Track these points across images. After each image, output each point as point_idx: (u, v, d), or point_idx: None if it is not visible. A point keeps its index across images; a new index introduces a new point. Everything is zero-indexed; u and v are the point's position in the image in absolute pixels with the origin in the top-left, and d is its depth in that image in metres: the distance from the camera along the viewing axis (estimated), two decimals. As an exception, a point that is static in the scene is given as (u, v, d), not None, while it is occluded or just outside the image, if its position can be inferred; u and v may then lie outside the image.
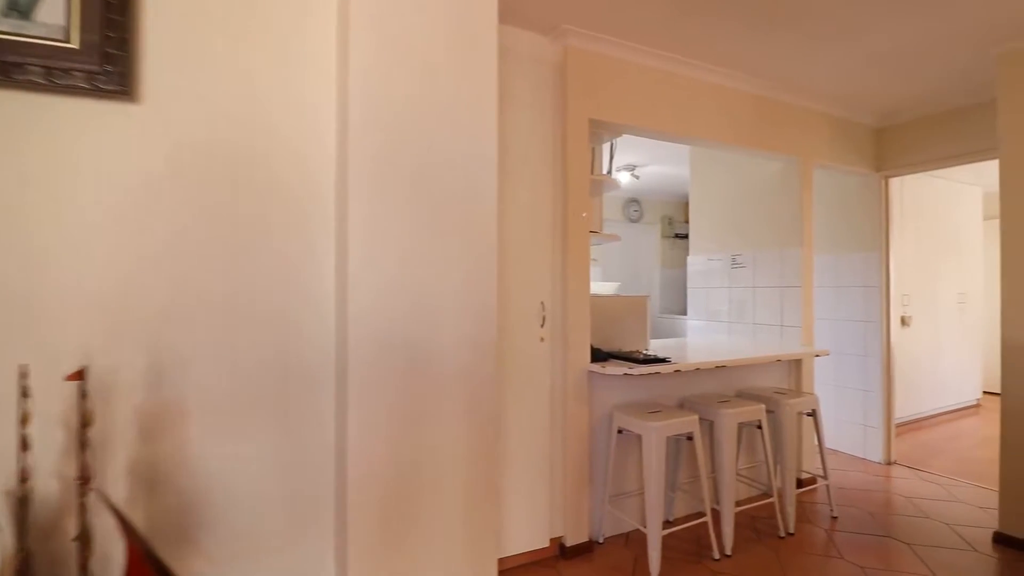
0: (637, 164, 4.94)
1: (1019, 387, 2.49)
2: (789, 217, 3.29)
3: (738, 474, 2.94)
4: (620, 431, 2.46)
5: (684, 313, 4.55)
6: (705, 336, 3.87)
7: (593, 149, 2.80)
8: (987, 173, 4.57)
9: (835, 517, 2.82)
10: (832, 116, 3.46)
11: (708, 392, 2.87)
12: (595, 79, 2.52)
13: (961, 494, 3.13)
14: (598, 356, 2.49)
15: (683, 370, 2.41)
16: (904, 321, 4.45)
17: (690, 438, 2.39)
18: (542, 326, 2.37)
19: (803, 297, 3.19)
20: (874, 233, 3.69)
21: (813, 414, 2.84)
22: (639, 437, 2.34)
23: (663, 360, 2.39)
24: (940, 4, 2.20)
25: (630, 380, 2.60)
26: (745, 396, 2.90)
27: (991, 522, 2.70)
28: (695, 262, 4.01)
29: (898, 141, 3.61)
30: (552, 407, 2.43)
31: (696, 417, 2.39)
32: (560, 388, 2.41)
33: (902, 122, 3.59)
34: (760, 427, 2.60)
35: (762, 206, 3.48)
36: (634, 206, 6.35)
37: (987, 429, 4.56)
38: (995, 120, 2.65)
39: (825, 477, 2.87)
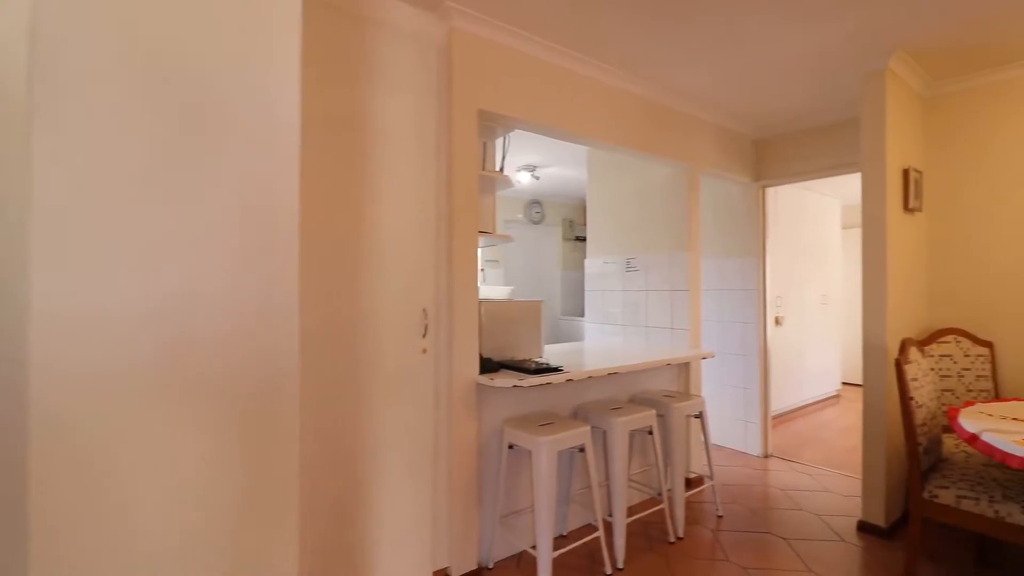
0: (538, 164, 4.86)
1: (877, 384, 2.67)
2: (678, 222, 3.34)
3: (630, 480, 2.91)
4: (511, 446, 2.29)
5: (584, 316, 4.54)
6: (602, 339, 3.85)
7: (485, 144, 2.61)
8: (845, 186, 5.05)
9: (720, 516, 2.88)
10: (717, 126, 3.58)
11: (602, 399, 2.80)
12: (486, 67, 2.33)
13: (829, 483, 3.36)
14: (488, 366, 2.30)
15: (576, 379, 2.29)
16: (778, 321, 4.78)
17: (582, 450, 2.27)
18: (424, 336, 2.13)
19: (691, 300, 3.25)
20: (753, 239, 3.89)
21: (700, 416, 2.87)
22: (530, 453, 2.18)
23: (555, 370, 2.26)
24: (811, 25, 2.29)
25: (522, 391, 2.44)
26: (638, 401, 2.88)
27: (856, 511, 2.89)
28: (592, 265, 3.98)
29: (774, 153, 3.84)
30: (437, 425, 2.19)
31: (588, 428, 2.28)
32: (446, 403, 2.18)
33: (777, 135, 3.81)
34: (651, 433, 2.57)
35: (654, 210, 3.51)
36: (536, 208, 6.31)
37: (847, 418, 5.03)
38: (858, 137, 2.84)
39: (711, 477, 2.92)
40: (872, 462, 2.70)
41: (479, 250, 5.31)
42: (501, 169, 2.71)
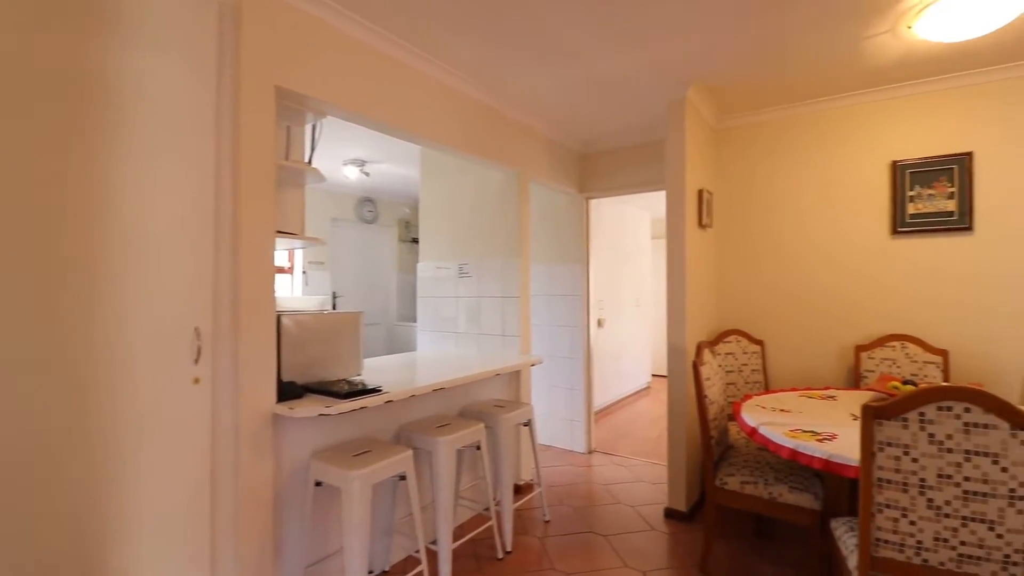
0: (368, 160, 4.49)
1: (679, 382, 2.93)
2: (510, 229, 3.32)
3: (459, 498, 2.77)
4: (318, 483, 1.97)
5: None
6: (435, 347, 3.67)
7: (289, 129, 2.23)
8: (654, 201, 5.64)
9: (548, 521, 2.90)
10: (547, 137, 3.66)
11: (429, 416, 2.61)
12: (291, 39, 1.97)
13: (643, 473, 3.64)
14: (291, 392, 1.95)
15: (397, 399, 2.06)
16: (600, 323, 5.13)
17: (403, 478, 2.05)
18: (197, 362, 1.70)
19: (521, 307, 3.25)
20: (578, 247, 4.07)
21: (529, 424, 2.86)
22: (340, 489, 1.89)
23: (372, 391, 2.00)
24: (626, 50, 2.40)
25: (332, 419, 2.13)
26: (468, 415, 2.75)
27: (663, 498, 3.16)
28: (425, 269, 3.78)
29: (597, 167, 4.06)
30: (216, 469, 1.77)
31: (410, 453, 2.07)
32: (230, 442, 1.78)
33: (600, 150, 4.04)
34: (479, 448, 2.46)
35: (487, 216, 3.44)
36: (369, 206, 5.89)
37: (656, 409, 5.62)
38: (664, 158, 3.09)
39: (539, 483, 2.93)
40: (675, 453, 2.95)
41: (298, 253, 4.71)
42: (310, 160, 2.35)
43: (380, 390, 2.02)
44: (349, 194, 5.69)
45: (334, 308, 5.33)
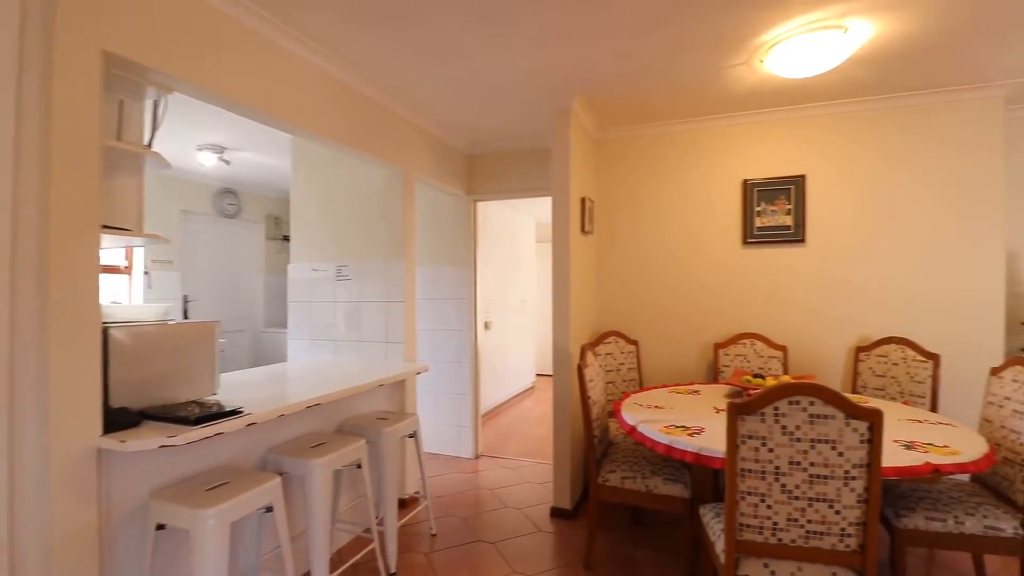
0: (228, 146, 3.99)
1: (563, 383, 3.00)
2: (394, 229, 3.15)
3: (338, 521, 2.55)
4: (160, 527, 1.66)
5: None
6: (311, 357, 3.36)
7: (123, 104, 1.86)
8: (539, 206, 5.79)
9: (435, 535, 2.79)
10: (434, 136, 3.54)
11: (303, 435, 2.36)
12: (120, -4, 1.63)
13: (529, 474, 3.68)
14: (124, 420, 1.61)
15: (260, 421, 1.82)
16: (487, 325, 5.13)
17: (270, 510, 1.81)
18: (-18, 391, 1.33)
19: (406, 312, 3.10)
20: (466, 250, 4.01)
21: (415, 435, 2.73)
22: (189, 532, 1.61)
23: (230, 413, 1.74)
24: (513, 55, 2.39)
25: (178, 450, 1.82)
26: (346, 431, 2.55)
27: (549, 497, 3.21)
28: (297, 270, 3.45)
29: (484, 169, 4.03)
30: (15, 522, 1.41)
31: (278, 480, 1.83)
32: (36, 488, 1.42)
33: (488, 152, 4.02)
34: (360, 466, 2.27)
35: (368, 215, 3.23)
36: (230, 198, 5.26)
37: (541, 407, 5.77)
38: (550, 164, 3.15)
39: (425, 496, 2.81)
40: (560, 452, 3.02)
41: (139, 251, 4.05)
42: (150, 143, 1.99)
43: (240, 412, 1.76)
44: (205, 184, 5.02)
45: (185, 315, 4.67)
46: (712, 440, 1.94)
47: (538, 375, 7.18)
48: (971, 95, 2.94)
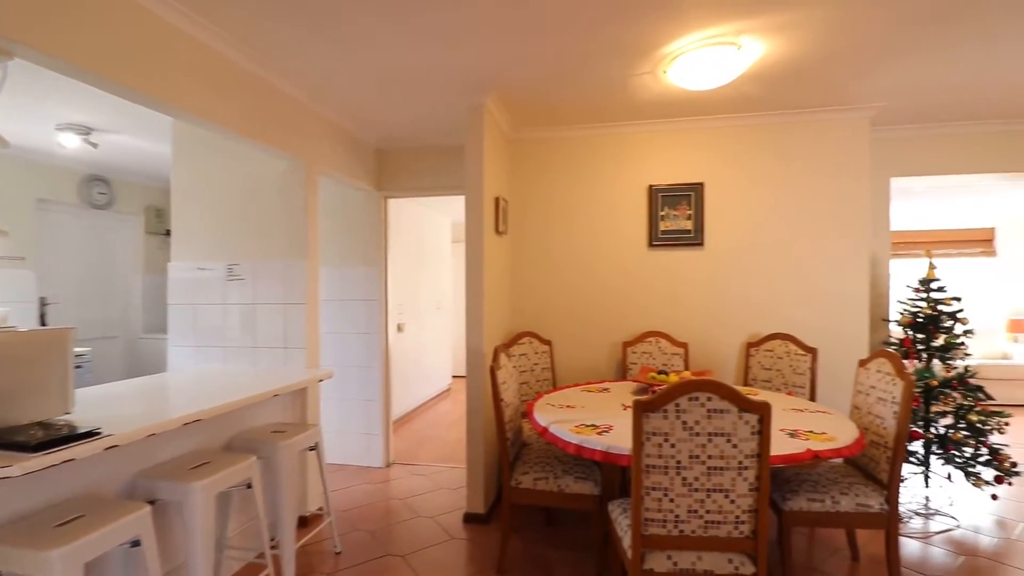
0: (95, 127, 3.49)
1: (477, 385, 2.95)
2: (294, 225, 2.91)
3: (227, 547, 2.31)
4: (-11, 577, 1.38)
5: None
6: (196, 364, 3.02)
7: (-62, 65, 1.53)
8: (454, 205, 5.70)
9: (339, 553, 2.61)
10: (341, 127, 3.34)
11: (182, 455, 2.10)
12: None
13: (443, 479, 3.58)
14: (-65, 450, 1.32)
15: (123, 443, 1.58)
16: (400, 328, 4.95)
17: (136, 544, 1.58)
18: None
19: (307, 315, 2.88)
20: (375, 249, 3.83)
21: (316, 447, 2.54)
22: (27, 580, 1.35)
23: (85, 435, 1.48)
24: (425, 45, 2.29)
25: (18, 480, 1.53)
26: (236, 447, 2.31)
27: (463, 502, 3.13)
28: (180, 269, 3.09)
29: (396, 165, 3.88)
30: None
31: (147, 509, 1.60)
32: None
33: (400, 148, 3.87)
34: (251, 486, 2.06)
35: (264, 209, 2.97)
36: (99, 186, 4.62)
37: (456, 410, 5.67)
38: (464, 163, 3.07)
39: (329, 512, 2.62)
40: (474, 456, 2.96)
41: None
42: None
43: (98, 433, 1.51)
44: (68, 169, 4.37)
45: (43, 320, 4.03)
46: (620, 438, 1.97)
47: (455, 377, 7.08)
48: (843, 115, 3.28)
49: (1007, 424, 3.01)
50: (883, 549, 2.15)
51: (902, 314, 3.29)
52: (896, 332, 3.46)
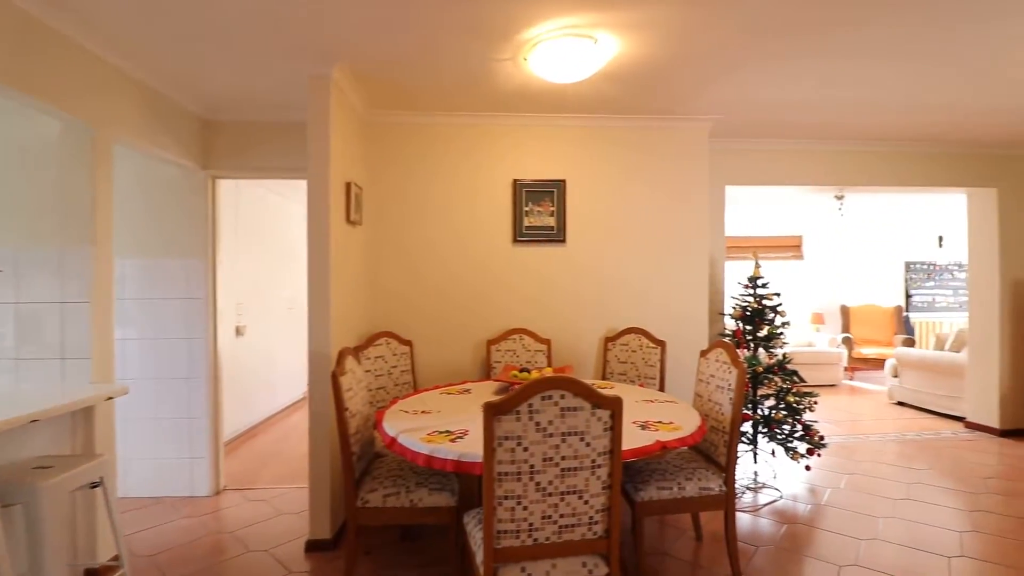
0: None
1: (322, 395, 2.60)
2: (76, 204, 2.31)
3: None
4: None
5: None
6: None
7: None
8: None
9: (137, 611, 2.11)
10: (149, 88, 2.76)
11: None
12: None
13: (285, 503, 3.14)
14: None
15: None
16: (240, 331, 4.32)
17: None
18: None
19: (95, 316, 2.30)
20: (200, 238, 3.25)
21: (101, 483, 2.01)
22: None
23: None
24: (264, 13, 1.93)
25: None
26: (-32, 493, 1.72)
27: (307, 529, 2.74)
28: (-101, 260, 2.29)
29: (229, 140, 3.33)
30: None
31: None
32: None
33: (232, 121, 3.33)
34: (-14, 546, 1.53)
35: (29, 183, 2.31)
36: None
37: (309, 421, 5.13)
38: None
39: (122, 562, 2.10)
40: (318, 474, 2.61)
41: None
42: None
43: None
44: None
45: None
46: (475, 444, 1.81)
47: (312, 385, 6.45)
48: (687, 124, 3.52)
49: (816, 403, 3.45)
50: (723, 527, 2.27)
51: (734, 308, 3.62)
52: (730, 324, 3.80)
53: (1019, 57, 2.59)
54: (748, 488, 3.30)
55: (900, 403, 5.65)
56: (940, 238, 7.96)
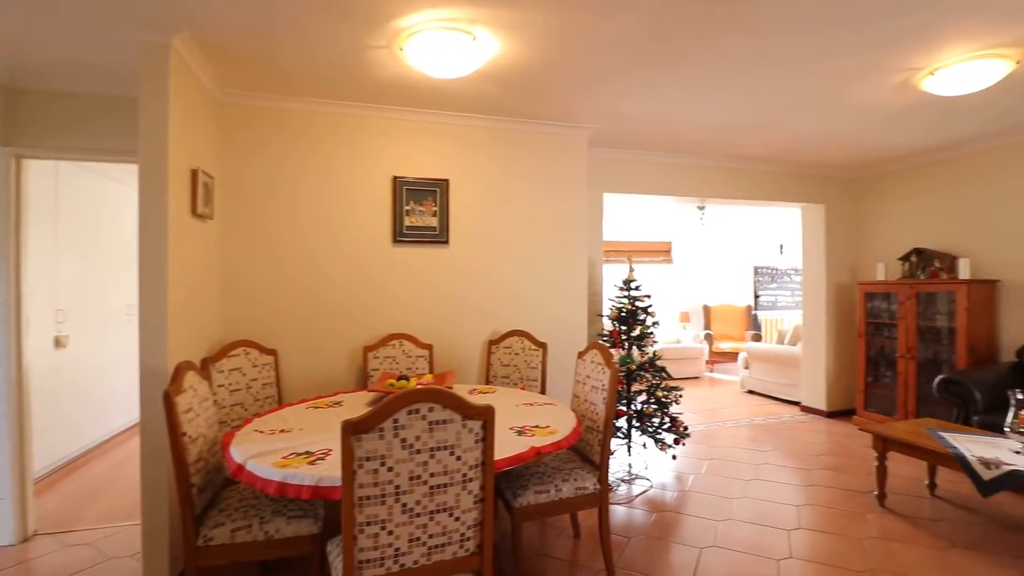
0: None
1: (157, 416, 2.22)
2: None
3: None
4: None
5: None
6: None
7: None
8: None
9: None
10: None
11: None
12: None
13: (116, 546, 2.66)
14: None
15: None
16: (60, 343, 3.62)
17: None
18: None
19: None
20: (9, 229, 2.64)
21: None
22: None
23: None
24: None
25: None
26: None
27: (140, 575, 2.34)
28: None
29: (41, 113, 2.76)
30: None
31: None
32: None
33: (47, 90, 2.76)
34: None
35: None
36: None
37: (157, 443, 4.46)
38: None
39: None
40: (154, 510, 2.24)
41: None
42: None
43: None
44: None
45: None
46: (337, 465, 1.64)
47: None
48: (568, 131, 3.60)
49: (681, 396, 3.72)
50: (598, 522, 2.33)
51: (611, 310, 3.78)
52: (607, 325, 3.97)
53: (839, 91, 3.00)
54: (623, 480, 3.46)
55: (750, 391, 6.37)
56: (781, 246, 9.14)
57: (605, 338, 3.73)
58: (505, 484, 2.22)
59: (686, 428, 3.65)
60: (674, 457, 3.78)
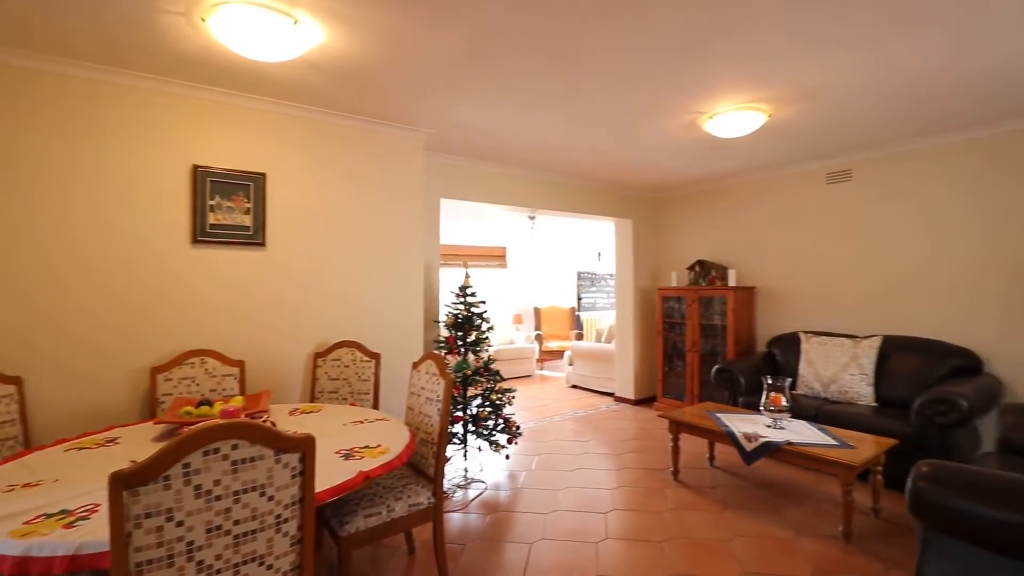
0: None
1: None
2: None
3: None
4: None
5: None
6: None
7: None
8: None
9: None
10: None
11: None
12: None
13: None
14: None
15: None
16: None
17: None
18: None
19: None
20: None
21: None
22: None
23: None
24: None
25: None
26: None
27: None
28: None
29: None
30: None
31: None
32: None
33: None
34: None
35: None
36: None
37: None
38: None
39: None
40: None
41: None
42: None
43: None
44: None
45: None
46: (106, 525, 1.32)
47: None
48: (404, 134, 3.49)
49: (514, 398, 3.88)
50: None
51: (447, 316, 3.78)
52: (444, 332, 3.96)
53: (642, 124, 3.42)
54: (459, 486, 3.47)
55: (574, 386, 6.95)
56: (599, 253, 10.20)
57: (442, 345, 3.71)
58: (331, 513, 2.05)
59: (518, 427, 3.81)
60: (507, 457, 3.93)
